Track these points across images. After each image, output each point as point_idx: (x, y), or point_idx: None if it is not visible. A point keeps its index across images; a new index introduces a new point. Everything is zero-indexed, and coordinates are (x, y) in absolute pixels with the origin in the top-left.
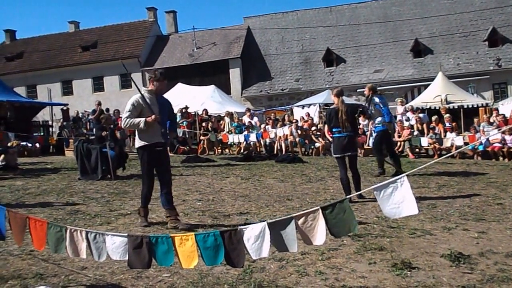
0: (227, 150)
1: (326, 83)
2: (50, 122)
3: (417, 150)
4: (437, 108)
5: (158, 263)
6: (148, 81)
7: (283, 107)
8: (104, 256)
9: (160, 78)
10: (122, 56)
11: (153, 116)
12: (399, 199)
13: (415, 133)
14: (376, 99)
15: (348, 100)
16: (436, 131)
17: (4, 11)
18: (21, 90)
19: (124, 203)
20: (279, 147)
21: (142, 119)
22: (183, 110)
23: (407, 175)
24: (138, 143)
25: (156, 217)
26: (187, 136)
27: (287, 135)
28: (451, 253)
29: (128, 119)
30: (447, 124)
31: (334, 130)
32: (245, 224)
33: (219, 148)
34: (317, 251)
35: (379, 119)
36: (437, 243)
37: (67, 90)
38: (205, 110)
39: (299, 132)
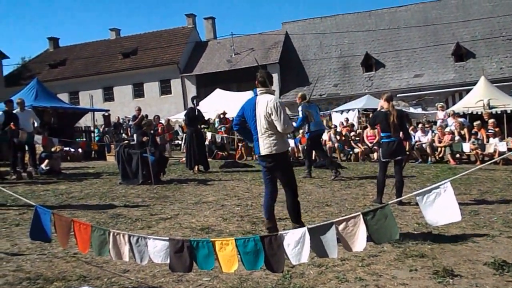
0: None
1: (365, 88)
2: (92, 128)
3: (458, 156)
4: (480, 113)
5: (198, 267)
6: (261, 83)
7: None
8: (146, 260)
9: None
10: (162, 62)
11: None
12: (442, 206)
13: (456, 138)
14: (299, 107)
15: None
16: (478, 136)
17: (48, 19)
18: (64, 97)
19: (165, 208)
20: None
21: None
22: (221, 116)
23: (449, 182)
24: (287, 146)
25: (196, 222)
26: (225, 141)
27: (325, 141)
28: (494, 261)
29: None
30: (490, 130)
31: (383, 134)
32: (283, 230)
33: None
34: (357, 257)
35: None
36: (480, 251)
37: (108, 96)
38: None
39: (338, 137)
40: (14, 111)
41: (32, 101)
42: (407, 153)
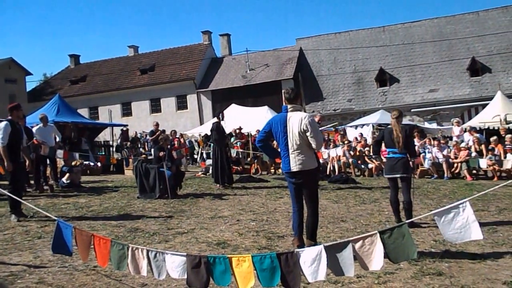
0: (280, 170)
1: (379, 103)
2: (110, 142)
3: (474, 171)
4: (496, 128)
5: (215, 283)
6: (290, 100)
7: (335, 127)
8: (164, 274)
9: None
10: (178, 78)
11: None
12: (462, 224)
13: (473, 154)
14: None
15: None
16: (495, 152)
17: (69, 37)
18: (84, 112)
19: (181, 222)
20: (332, 168)
21: None
22: (237, 131)
23: (469, 200)
24: (316, 162)
25: (212, 236)
26: (240, 156)
27: (340, 156)
28: None
29: None
30: (508, 145)
31: (388, 150)
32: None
33: (272, 168)
34: (373, 274)
35: None
36: (499, 269)
37: (127, 111)
38: (258, 131)
39: (352, 153)
40: (37, 126)
41: (54, 116)
42: (410, 172)
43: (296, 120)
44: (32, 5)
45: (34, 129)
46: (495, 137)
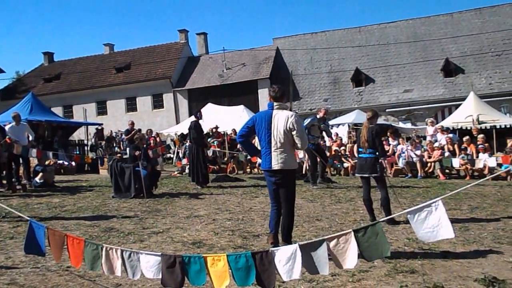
0: (256, 170)
1: (355, 103)
2: (85, 141)
3: (447, 171)
4: (469, 128)
5: (190, 283)
6: (276, 98)
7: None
8: (138, 275)
9: None
10: (154, 77)
11: None
12: (434, 223)
13: (446, 154)
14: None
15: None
16: (468, 151)
17: (43, 34)
18: (58, 110)
19: (157, 221)
20: (307, 167)
21: None
22: (214, 130)
23: (441, 199)
24: (297, 163)
25: (188, 236)
26: (217, 155)
27: None
28: (485, 277)
29: None
30: (480, 145)
31: (359, 150)
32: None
33: (248, 167)
34: (348, 272)
35: None
36: (470, 267)
37: (102, 110)
38: (234, 130)
39: (328, 152)
40: (9, 125)
41: (27, 115)
42: (378, 171)
43: (282, 118)
44: (3, 1)
45: (6, 128)
46: (467, 137)
